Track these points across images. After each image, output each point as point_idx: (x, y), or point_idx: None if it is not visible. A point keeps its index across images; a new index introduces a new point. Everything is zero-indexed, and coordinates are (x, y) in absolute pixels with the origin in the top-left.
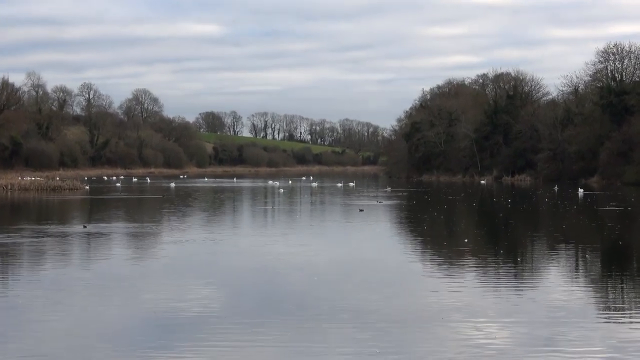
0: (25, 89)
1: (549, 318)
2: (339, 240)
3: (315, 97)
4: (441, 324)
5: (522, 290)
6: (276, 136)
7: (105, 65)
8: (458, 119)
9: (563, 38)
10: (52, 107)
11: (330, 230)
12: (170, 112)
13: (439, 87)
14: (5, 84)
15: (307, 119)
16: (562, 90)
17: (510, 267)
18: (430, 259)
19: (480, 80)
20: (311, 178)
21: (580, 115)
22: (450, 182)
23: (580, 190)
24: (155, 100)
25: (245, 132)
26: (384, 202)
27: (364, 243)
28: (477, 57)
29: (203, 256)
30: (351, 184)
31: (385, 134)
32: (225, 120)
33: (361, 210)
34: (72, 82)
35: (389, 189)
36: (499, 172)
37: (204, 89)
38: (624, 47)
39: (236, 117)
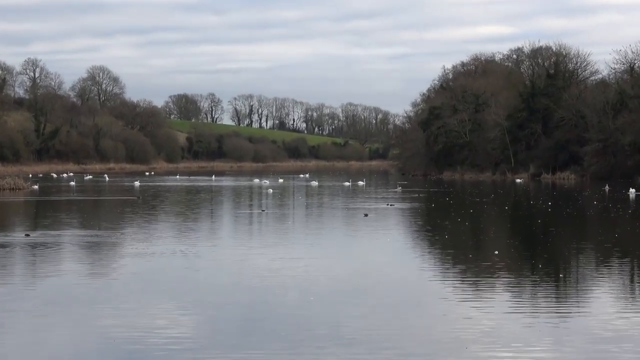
0: None
1: (599, 351)
2: (340, 253)
3: (311, 77)
4: (467, 357)
5: (565, 316)
6: (264, 124)
7: (54, 37)
8: (487, 103)
9: (616, 4)
10: None
11: (329, 240)
12: (134, 94)
13: (463, 65)
14: None
15: (301, 103)
16: (615, 69)
17: (550, 286)
18: (453, 276)
19: (514, 56)
20: (307, 176)
21: (636, 98)
22: (477, 181)
23: (632, 191)
24: (115, 80)
25: (226, 120)
26: (396, 205)
27: (370, 256)
28: (510, 27)
29: (174, 272)
30: (360, 183)
31: (398, 122)
32: (202, 104)
33: (366, 215)
34: (14, 58)
35: (399, 188)
36: (537, 169)
37: (175, 67)
38: None
39: (215, 101)
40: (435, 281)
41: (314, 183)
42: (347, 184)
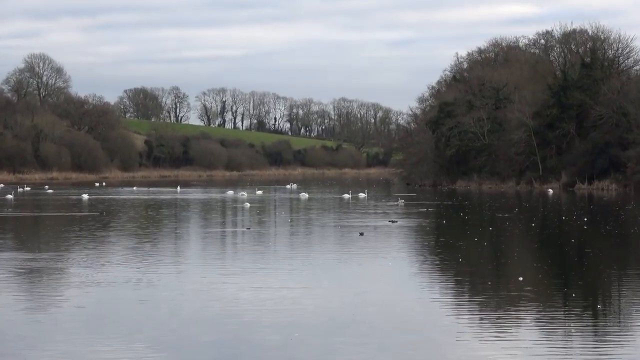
0: None
1: None
2: (330, 281)
3: (296, 67)
4: None
5: (605, 356)
6: (239, 124)
7: None
8: (509, 98)
9: None
10: None
11: (317, 265)
12: (81, 88)
13: (480, 52)
14: None
15: (284, 98)
16: None
17: (587, 321)
18: (469, 310)
19: (542, 41)
20: (294, 186)
21: None
22: (498, 192)
23: None
24: (58, 72)
25: (193, 119)
26: (399, 222)
27: (368, 285)
28: (537, 6)
29: (128, 306)
30: (362, 195)
31: (401, 121)
32: (164, 100)
33: (361, 235)
34: None
35: (400, 202)
36: (570, 177)
37: (131, 55)
38: None
39: (180, 97)
40: (448, 316)
41: (304, 195)
42: (346, 196)
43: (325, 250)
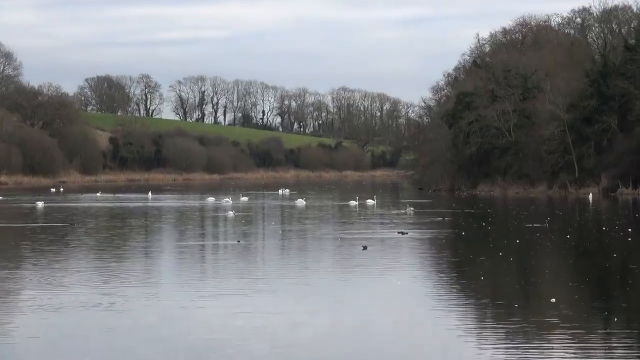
0: None
1: None
2: (328, 304)
3: (289, 51)
4: None
5: None
6: (221, 119)
7: None
8: (539, 87)
9: None
10: None
11: (313, 285)
12: (34, 77)
13: (505, 32)
14: None
15: (274, 88)
16: None
17: (631, 349)
18: (493, 337)
19: (578, 20)
20: (287, 192)
21: None
22: (527, 198)
23: None
24: (7, 57)
25: (167, 112)
26: (409, 234)
27: (373, 309)
28: None
29: (94, 334)
30: (370, 202)
31: (412, 115)
32: (132, 90)
33: (364, 249)
34: None
35: (409, 209)
36: (612, 181)
37: (93, 37)
38: None
39: (151, 86)
40: (469, 346)
41: (300, 202)
42: (353, 203)
43: (322, 267)
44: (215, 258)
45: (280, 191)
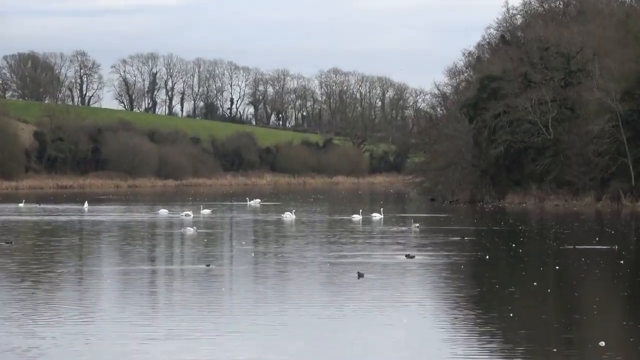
0: None
1: None
2: (314, 349)
3: (264, 22)
4: None
5: None
6: (177, 108)
7: None
8: (585, 70)
9: None
10: None
11: (294, 325)
12: None
13: (541, 0)
14: None
15: (245, 69)
16: None
17: None
18: None
19: None
20: (256, 202)
21: None
22: (569, 212)
23: None
24: None
25: (108, 100)
26: (418, 258)
27: (372, 356)
28: None
29: None
30: (376, 217)
31: (423, 104)
32: (63, 72)
33: (361, 277)
34: None
35: (415, 226)
36: None
37: (13, 3)
38: None
39: (87, 66)
40: None
41: (288, 216)
42: (356, 217)
43: (306, 300)
44: (168, 287)
45: (248, 202)
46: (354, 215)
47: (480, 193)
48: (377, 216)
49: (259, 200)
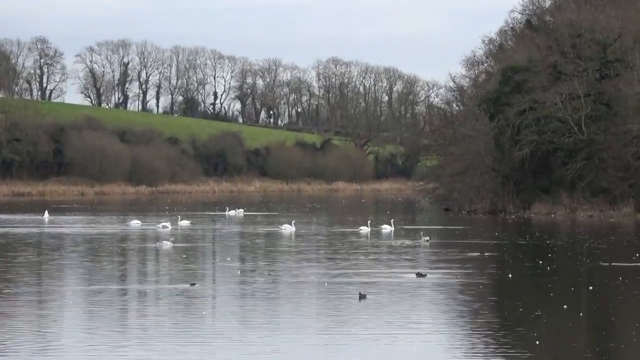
0: None
1: None
2: None
3: (253, 5)
4: None
5: None
6: (152, 104)
7: None
8: (624, 60)
9: None
10: None
11: (289, 355)
12: None
13: None
14: None
15: (232, 59)
16: None
17: None
18: None
19: None
20: (238, 213)
21: None
22: (605, 224)
23: None
24: None
25: (72, 94)
26: (429, 276)
27: None
28: None
29: None
30: (386, 229)
31: (436, 99)
32: (21, 61)
33: (362, 298)
34: None
35: (424, 239)
36: None
37: None
38: None
39: (49, 55)
40: None
41: (288, 228)
42: (365, 230)
43: (301, 326)
44: (140, 311)
45: (228, 212)
46: (361, 228)
47: (502, 202)
48: (387, 228)
49: (242, 210)
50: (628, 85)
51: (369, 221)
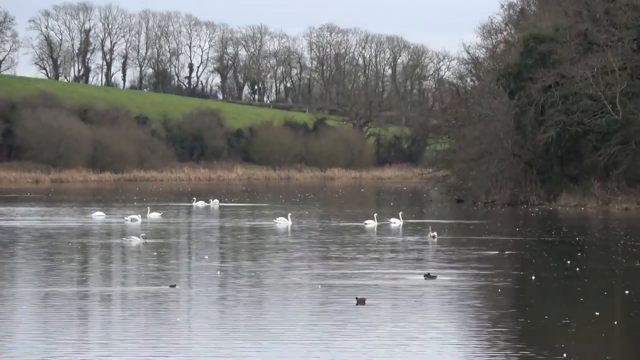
0: None
1: None
2: None
3: None
4: None
5: None
6: (117, 77)
7: None
8: None
9: None
10: None
11: None
12: None
13: None
14: None
15: (210, 25)
16: None
17: None
18: None
19: None
20: (215, 204)
21: None
22: None
23: None
24: None
25: (25, 66)
26: (440, 278)
27: None
28: None
29: None
30: (395, 223)
31: (448, 74)
32: None
33: (360, 303)
34: None
35: (431, 235)
36: None
37: None
38: None
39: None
40: None
41: (282, 222)
42: (371, 223)
43: (290, 336)
44: (105, 317)
45: (194, 202)
46: (367, 222)
47: (524, 193)
48: (396, 222)
49: (217, 201)
50: None
51: (375, 215)
